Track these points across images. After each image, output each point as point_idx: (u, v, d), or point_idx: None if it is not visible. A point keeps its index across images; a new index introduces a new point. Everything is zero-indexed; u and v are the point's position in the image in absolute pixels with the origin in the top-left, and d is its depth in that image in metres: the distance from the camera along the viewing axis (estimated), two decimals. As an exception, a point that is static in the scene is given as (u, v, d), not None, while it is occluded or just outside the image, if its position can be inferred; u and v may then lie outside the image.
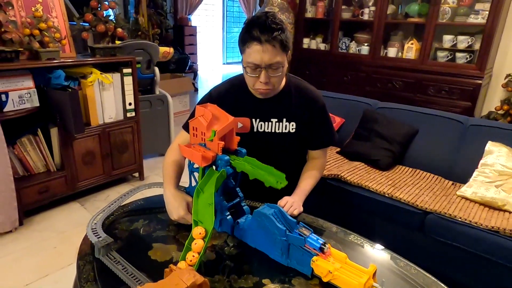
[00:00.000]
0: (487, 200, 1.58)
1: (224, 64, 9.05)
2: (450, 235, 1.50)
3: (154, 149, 3.01)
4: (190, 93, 4.67)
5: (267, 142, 1.33)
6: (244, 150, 1.08)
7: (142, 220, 1.19)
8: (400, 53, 3.09)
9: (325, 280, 0.87)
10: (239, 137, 1.09)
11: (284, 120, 1.31)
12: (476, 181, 1.69)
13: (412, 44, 2.98)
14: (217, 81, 7.36)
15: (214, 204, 1.00)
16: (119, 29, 2.22)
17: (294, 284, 0.91)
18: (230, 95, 1.33)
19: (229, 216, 1.09)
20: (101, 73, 2.13)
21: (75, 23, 2.23)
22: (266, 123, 1.31)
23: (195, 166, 1.13)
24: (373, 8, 3.14)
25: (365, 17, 3.22)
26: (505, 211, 1.54)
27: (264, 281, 0.92)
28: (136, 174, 2.64)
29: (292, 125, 1.31)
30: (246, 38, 1.14)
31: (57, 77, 1.97)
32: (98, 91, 2.16)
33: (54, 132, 2.05)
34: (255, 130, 1.32)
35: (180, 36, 6.28)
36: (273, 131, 1.32)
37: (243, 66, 1.21)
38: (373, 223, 1.79)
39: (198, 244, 0.92)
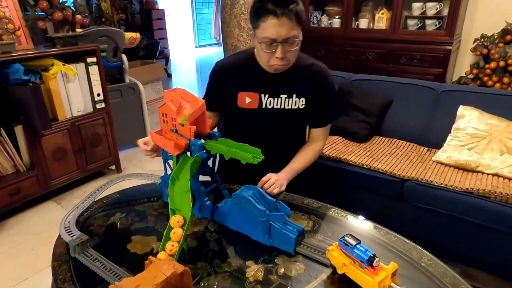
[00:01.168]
0: (461, 163, 1.62)
1: (196, 47, 8.83)
2: (427, 200, 1.54)
3: (130, 140, 2.91)
4: (163, 79, 4.54)
5: (275, 119, 1.29)
6: (218, 133, 1.04)
7: (119, 213, 1.15)
8: (371, 24, 3.08)
9: (339, 272, 0.83)
10: (211, 120, 1.06)
11: (294, 96, 1.27)
12: (450, 145, 1.73)
13: (382, 13, 2.96)
14: (191, 65, 7.18)
15: (192, 191, 0.98)
16: (78, 16, 2.09)
17: (278, 262, 0.91)
18: (235, 68, 1.28)
19: (208, 202, 1.07)
20: (63, 64, 2.02)
21: (29, 12, 2.08)
22: (276, 99, 1.27)
23: (169, 153, 1.09)
24: (342, -20, 3.08)
25: (335, -11, 3.17)
26: (478, 172, 1.59)
27: (248, 263, 0.91)
28: (113, 167, 2.57)
29: (302, 101, 1.28)
30: (260, 12, 1.09)
31: (15, 71, 1.84)
32: (63, 83, 2.05)
33: (19, 130, 1.94)
34: (263, 106, 1.28)
35: (148, 21, 6.05)
36: (282, 107, 1.28)
37: (257, 41, 1.15)
38: (353, 195, 1.81)
39: (176, 233, 0.90)
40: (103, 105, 2.29)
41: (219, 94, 1.32)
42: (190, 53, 8.29)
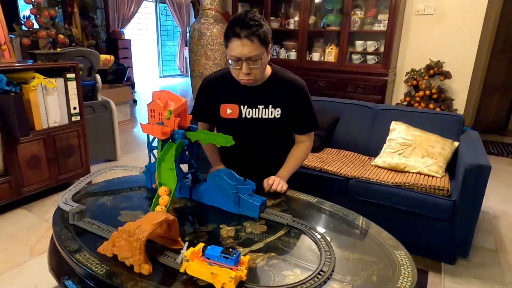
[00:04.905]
0: (393, 166, 1.98)
1: (160, 77, 9.06)
2: (367, 194, 1.85)
3: (100, 155, 3.03)
4: (130, 104, 4.69)
5: (254, 127, 1.46)
6: (196, 127, 1.28)
7: (107, 196, 1.33)
8: (322, 57, 3.55)
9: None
10: (191, 116, 1.30)
11: (270, 106, 1.43)
12: (385, 152, 2.09)
13: (331, 49, 3.45)
14: (156, 93, 7.35)
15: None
16: (61, 36, 2.28)
17: (245, 225, 1.14)
18: (218, 82, 1.46)
19: (187, 183, 1.29)
20: (44, 78, 2.17)
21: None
22: (254, 109, 1.43)
23: (154, 144, 1.31)
24: (297, 19, 3.58)
25: (291, 26, 3.64)
26: (406, 172, 1.95)
27: (222, 226, 1.13)
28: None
29: (278, 111, 1.43)
30: (228, 34, 1.28)
31: (-2, 82, 1.97)
32: (42, 95, 2.19)
33: (-4, 137, 2.03)
34: (243, 116, 1.44)
35: (114, 50, 6.22)
36: (260, 116, 1.44)
37: (228, 59, 1.34)
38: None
39: (164, 199, 1.11)
40: (78, 118, 2.43)
41: (205, 106, 1.50)
42: (155, 82, 8.49)
